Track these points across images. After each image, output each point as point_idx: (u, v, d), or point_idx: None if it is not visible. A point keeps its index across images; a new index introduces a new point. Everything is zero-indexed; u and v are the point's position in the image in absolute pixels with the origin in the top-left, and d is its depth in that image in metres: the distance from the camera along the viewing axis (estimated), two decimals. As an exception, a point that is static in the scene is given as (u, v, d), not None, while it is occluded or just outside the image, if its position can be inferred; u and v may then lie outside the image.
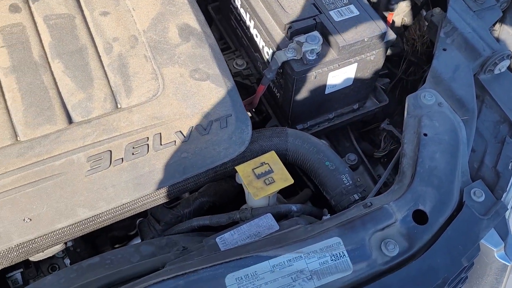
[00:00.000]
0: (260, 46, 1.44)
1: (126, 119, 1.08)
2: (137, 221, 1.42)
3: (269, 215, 1.12)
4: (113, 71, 1.12)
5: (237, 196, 1.43)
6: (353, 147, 1.71)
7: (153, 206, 1.17)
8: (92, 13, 1.18)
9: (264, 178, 1.13)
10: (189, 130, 1.10)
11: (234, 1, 1.52)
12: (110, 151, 1.05)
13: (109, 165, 1.04)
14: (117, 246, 1.49)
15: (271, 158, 1.17)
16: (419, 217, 1.02)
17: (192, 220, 1.22)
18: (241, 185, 1.40)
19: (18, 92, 1.06)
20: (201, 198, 1.36)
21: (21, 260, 1.08)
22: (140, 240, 1.40)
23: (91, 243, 1.37)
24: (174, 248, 1.13)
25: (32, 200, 0.99)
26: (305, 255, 0.95)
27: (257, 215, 1.15)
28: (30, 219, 0.99)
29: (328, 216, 1.11)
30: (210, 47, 1.20)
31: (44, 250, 1.09)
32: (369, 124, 1.77)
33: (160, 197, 1.14)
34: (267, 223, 1.11)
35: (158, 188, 1.07)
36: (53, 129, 1.04)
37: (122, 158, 1.05)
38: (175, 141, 1.09)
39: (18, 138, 1.04)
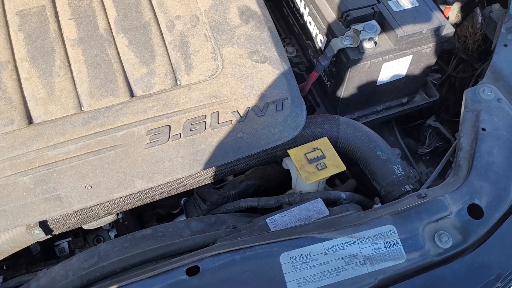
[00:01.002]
0: (313, 34, 1.44)
1: (185, 96, 1.10)
2: (182, 200, 1.45)
3: (319, 200, 1.12)
4: (175, 49, 1.14)
5: (281, 182, 1.44)
6: (397, 142, 1.70)
7: (202, 184, 1.19)
8: (156, -9, 1.20)
9: (316, 163, 1.14)
10: (245, 111, 1.11)
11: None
12: (169, 126, 1.07)
13: (168, 140, 1.06)
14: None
15: (324, 144, 1.17)
16: (474, 211, 1.01)
17: (240, 201, 1.24)
18: (286, 171, 1.42)
19: (84, 63, 1.09)
20: (247, 181, 1.37)
21: (76, 227, 1.12)
22: (184, 218, 1.43)
23: (138, 218, 1.40)
24: (223, 226, 1.15)
25: (94, 168, 1.02)
26: (358, 240, 0.95)
27: (306, 199, 1.15)
28: (91, 187, 1.02)
29: (379, 205, 1.11)
30: (269, 30, 1.20)
31: (99, 219, 1.12)
32: (413, 120, 1.75)
33: (212, 175, 1.16)
34: (317, 208, 1.11)
35: (212, 165, 1.09)
36: (116, 101, 1.07)
37: (180, 134, 1.07)
38: (231, 120, 1.10)
39: (82, 108, 1.07)
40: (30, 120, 1.04)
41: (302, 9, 1.49)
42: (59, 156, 1.01)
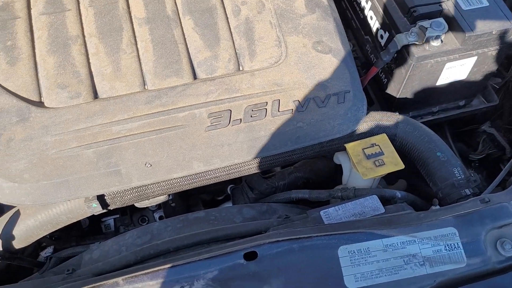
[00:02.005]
0: (374, 29, 1.41)
1: (247, 82, 1.09)
2: (229, 187, 1.45)
3: (375, 196, 1.10)
4: (239, 34, 1.14)
5: (329, 176, 1.42)
6: (448, 145, 1.65)
7: (255, 172, 1.18)
8: (223, -25, 1.20)
9: (374, 159, 1.12)
10: (307, 101, 1.10)
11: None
12: (230, 111, 1.07)
13: (228, 124, 1.06)
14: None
15: (382, 141, 1.14)
16: (541, 221, 0.97)
17: (291, 192, 1.23)
18: (335, 166, 1.40)
19: (150, 43, 1.10)
20: (296, 173, 1.36)
21: (130, 204, 1.13)
22: (230, 205, 1.43)
23: (185, 201, 1.41)
24: (274, 215, 1.14)
25: (154, 147, 1.03)
26: (419, 240, 0.93)
27: (360, 195, 1.13)
28: (151, 165, 1.02)
29: (438, 206, 1.08)
30: (334, 21, 1.19)
31: (152, 197, 1.13)
32: (466, 124, 1.70)
33: (266, 164, 1.15)
34: (372, 204, 1.09)
35: (270, 153, 1.08)
36: (179, 82, 1.07)
37: (241, 119, 1.06)
38: (292, 109, 1.09)
39: (146, 86, 1.08)
40: (95, 95, 1.05)
41: (363, 3, 1.46)
42: (122, 132, 1.02)
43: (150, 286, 0.84)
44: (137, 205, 1.18)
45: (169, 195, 1.20)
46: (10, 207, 1.28)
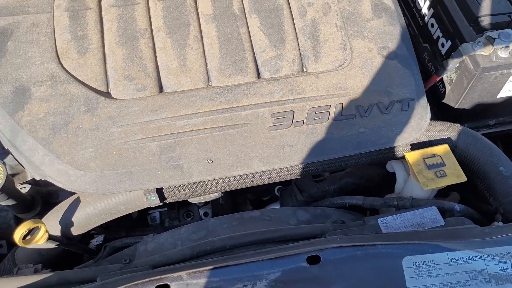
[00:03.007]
0: (435, 37, 1.39)
1: (311, 84, 1.08)
2: (277, 188, 1.44)
3: (435, 208, 1.08)
4: (304, 35, 1.13)
5: (378, 183, 1.40)
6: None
7: (309, 175, 1.17)
8: (290, -25, 1.20)
9: (435, 170, 1.09)
10: (370, 106, 1.08)
11: (413, -14, 1.47)
12: (293, 112, 1.06)
13: (290, 125, 1.05)
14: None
15: (444, 152, 1.12)
16: None
17: (344, 197, 1.21)
18: (385, 173, 1.38)
19: (216, 39, 1.10)
20: (347, 179, 1.35)
21: (186, 198, 1.14)
22: (278, 206, 1.42)
23: (233, 199, 1.41)
24: (327, 220, 1.13)
25: (216, 143, 1.03)
26: (485, 256, 0.90)
27: (417, 206, 1.11)
28: (212, 161, 1.03)
29: (501, 223, 1.05)
30: (401, 26, 1.17)
31: (208, 193, 1.14)
32: (520, 140, 1.66)
33: (323, 167, 1.14)
34: (432, 216, 1.07)
35: (329, 157, 1.07)
36: (243, 80, 1.07)
37: (303, 121, 1.06)
38: (355, 114, 1.08)
39: (210, 83, 1.08)
40: (161, 89, 1.06)
41: (424, 10, 1.43)
42: (185, 127, 1.03)
43: (213, 282, 0.84)
44: (190, 200, 1.18)
45: (222, 192, 1.20)
46: (65, 194, 1.31)
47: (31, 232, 1.01)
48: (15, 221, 1.27)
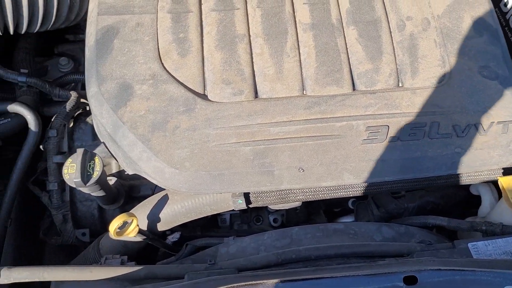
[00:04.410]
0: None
1: (408, 99, 1.07)
2: (350, 201, 1.43)
3: (530, 237, 1.03)
4: (402, 49, 1.12)
5: (456, 204, 1.36)
6: None
7: (397, 190, 1.15)
8: (389, -12, 1.18)
9: (532, 197, 1.05)
10: (467, 127, 1.05)
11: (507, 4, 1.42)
12: (388, 126, 1.04)
13: (384, 140, 1.04)
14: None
15: (542, 179, 1.07)
16: None
17: (428, 217, 1.18)
18: (466, 195, 1.33)
19: (313, 49, 1.11)
20: (427, 197, 1.31)
21: (270, 204, 1.14)
22: (352, 219, 1.41)
23: (306, 208, 1.40)
24: (412, 239, 1.11)
25: (309, 153, 1.03)
26: None
27: (509, 233, 1.07)
28: (303, 170, 1.03)
29: None
30: (502, 46, 1.13)
31: (292, 202, 1.14)
32: None
33: (410, 185, 1.12)
34: (526, 245, 1.02)
35: (422, 175, 1.05)
36: (339, 91, 1.07)
37: (398, 137, 1.04)
38: (451, 134, 1.05)
39: (304, 91, 1.08)
40: (256, 94, 1.08)
41: (519, 29, 1.38)
42: (279, 134, 1.04)
43: (307, 293, 0.84)
44: (272, 206, 1.19)
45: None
46: (146, 189, 1.35)
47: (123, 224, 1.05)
48: (98, 211, 1.32)
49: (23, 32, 1.24)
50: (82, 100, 1.36)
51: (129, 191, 1.33)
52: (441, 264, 0.88)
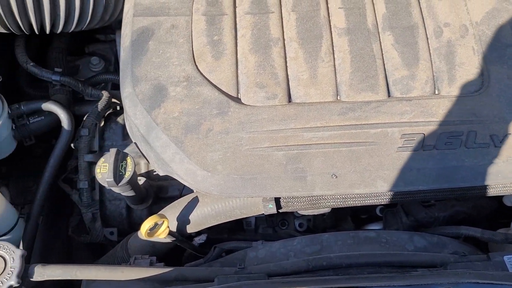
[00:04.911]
0: None
1: (444, 107, 1.05)
2: (378, 208, 1.41)
3: None
4: (439, 56, 1.10)
5: (487, 215, 1.33)
6: None
7: (430, 199, 1.13)
8: (427, -6, 1.17)
9: None
10: (505, 137, 1.03)
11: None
12: (424, 135, 1.03)
13: (420, 148, 1.02)
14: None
15: None
16: None
17: (461, 227, 1.16)
18: (498, 206, 1.31)
19: (348, 54, 1.10)
20: (458, 207, 1.28)
21: (299, 210, 1.14)
22: (380, 227, 1.39)
23: (334, 214, 1.39)
24: (444, 249, 1.09)
25: (343, 159, 1.02)
26: None
27: (545, 247, 1.05)
28: (336, 176, 1.02)
29: None
30: (542, 56, 1.10)
31: (322, 208, 1.13)
32: None
33: (443, 195, 1.10)
34: None
35: (457, 185, 1.03)
36: (374, 97, 1.06)
37: (434, 145, 1.02)
38: (489, 143, 1.03)
39: (339, 97, 1.07)
40: (289, 99, 1.07)
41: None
42: (313, 139, 1.03)
43: (342, 303, 0.83)
44: (301, 211, 1.18)
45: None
46: (173, 190, 1.35)
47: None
48: (127, 210, 1.33)
49: (58, 31, 1.26)
50: (113, 100, 1.37)
51: (157, 191, 1.33)
52: (478, 277, 0.86)
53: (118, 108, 1.42)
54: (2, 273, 0.90)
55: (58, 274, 0.94)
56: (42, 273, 0.93)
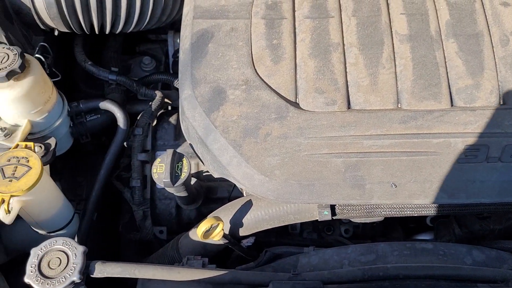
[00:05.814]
0: None
1: (510, 119, 1.01)
2: (429, 218, 1.38)
3: None
4: (505, 65, 1.06)
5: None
6: None
7: (489, 213, 1.10)
8: (491, 1, 1.13)
9: None
10: None
11: None
12: (488, 146, 1.00)
13: (484, 160, 1.00)
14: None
15: None
16: None
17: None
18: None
19: (410, 61, 1.07)
20: (516, 221, 1.25)
21: (353, 218, 1.12)
22: (430, 237, 1.36)
23: (383, 222, 1.37)
24: (504, 264, 1.05)
25: (403, 169, 1.00)
26: None
27: None
28: (396, 186, 1.00)
29: None
30: None
31: (376, 217, 1.11)
32: None
33: (507, 208, 1.07)
34: None
35: (521, 200, 0.99)
36: (436, 106, 1.03)
37: (499, 158, 0.99)
38: (557, 157, 0.99)
39: (399, 105, 1.05)
40: (348, 105, 1.06)
41: None
42: (373, 147, 1.01)
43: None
44: (353, 219, 1.17)
45: (383, 216, 1.17)
46: (223, 191, 1.36)
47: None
48: (176, 210, 1.35)
49: (117, 32, 1.28)
50: (165, 100, 1.39)
51: (207, 192, 1.34)
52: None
53: (169, 108, 1.44)
54: (64, 269, 0.92)
55: (118, 272, 0.96)
56: (102, 270, 0.95)
